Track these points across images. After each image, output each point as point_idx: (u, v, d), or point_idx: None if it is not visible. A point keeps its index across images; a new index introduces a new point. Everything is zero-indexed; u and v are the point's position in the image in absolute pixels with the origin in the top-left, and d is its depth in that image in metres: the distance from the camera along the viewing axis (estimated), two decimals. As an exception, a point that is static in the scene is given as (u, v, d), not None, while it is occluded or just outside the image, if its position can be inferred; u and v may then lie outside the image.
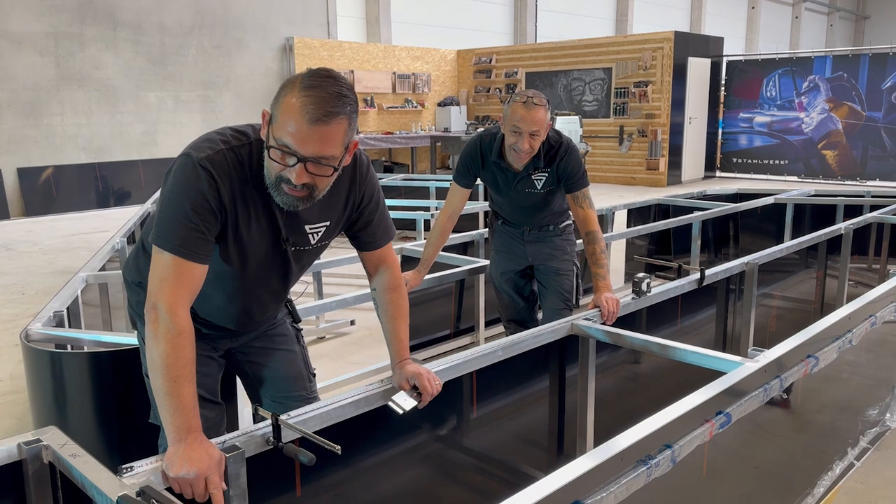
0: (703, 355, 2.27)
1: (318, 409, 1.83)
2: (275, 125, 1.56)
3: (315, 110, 1.51)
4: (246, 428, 1.71)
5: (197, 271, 1.62)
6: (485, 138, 3.14)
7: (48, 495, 1.61)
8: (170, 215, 1.60)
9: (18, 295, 5.90)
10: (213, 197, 1.60)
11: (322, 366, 4.20)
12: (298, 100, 1.52)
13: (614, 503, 1.58)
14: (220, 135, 1.66)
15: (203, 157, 1.58)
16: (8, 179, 10.01)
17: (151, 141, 11.44)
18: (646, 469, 1.67)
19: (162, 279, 1.60)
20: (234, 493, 1.59)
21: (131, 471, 1.50)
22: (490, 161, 3.12)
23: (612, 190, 12.45)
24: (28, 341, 2.51)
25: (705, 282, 3.22)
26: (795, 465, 2.72)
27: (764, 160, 13.71)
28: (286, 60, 12.88)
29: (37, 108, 10.24)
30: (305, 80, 1.54)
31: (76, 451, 1.55)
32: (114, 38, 10.86)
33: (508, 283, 3.43)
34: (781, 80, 13.31)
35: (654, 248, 6.26)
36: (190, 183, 1.58)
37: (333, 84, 1.54)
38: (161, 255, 1.61)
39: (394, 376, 1.97)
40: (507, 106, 2.93)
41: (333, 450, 1.56)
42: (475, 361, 2.23)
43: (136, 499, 1.34)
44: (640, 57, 13.12)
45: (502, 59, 15.26)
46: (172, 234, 1.59)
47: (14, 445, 1.58)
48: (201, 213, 1.59)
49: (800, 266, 5.14)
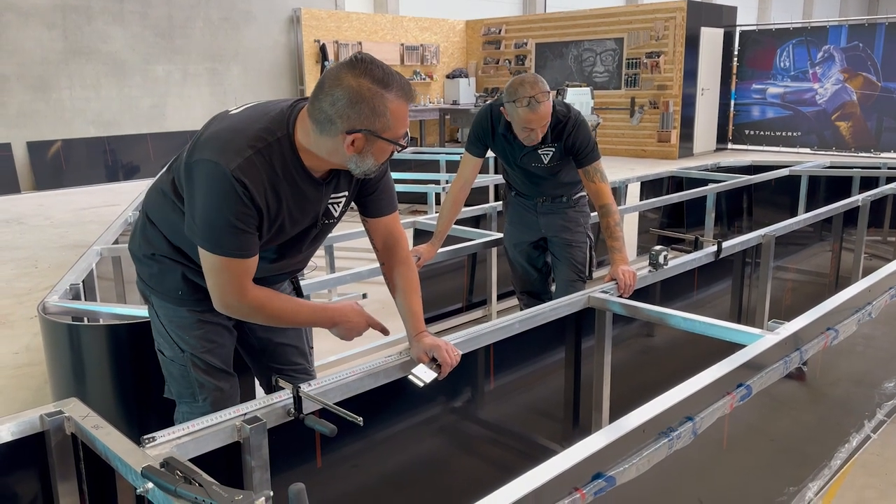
0: (723, 328, 2.25)
1: (337, 380, 1.83)
2: (388, 131, 1.64)
3: (409, 96, 1.67)
4: (267, 399, 1.71)
5: (251, 262, 1.74)
6: (494, 108, 3.11)
7: (70, 465, 1.63)
8: (215, 226, 1.65)
9: (31, 268, 5.93)
10: (250, 203, 1.66)
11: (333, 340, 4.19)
12: (397, 100, 1.62)
13: (636, 475, 1.57)
14: (244, 137, 1.65)
15: (235, 169, 1.60)
16: (18, 153, 10.01)
17: (160, 114, 11.40)
18: (667, 441, 1.66)
19: (226, 281, 1.73)
20: (255, 464, 1.60)
21: (153, 441, 1.50)
22: (498, 132, 3.10)
23: (623, 163, 12.36)
24: (45, 314, 2.52)
25: (722, 254, 3.19)
26: (811, 438, 2.72)
27: (777, 132, 13.55)
28: (293, 32, 12.76)
29: (45, 82, 10.20)
30: (384, 79, 1.60)
31: (98, 423, 1.56)
32: (121, 11, 10.77)
33: (522, 255, 3.42)
34: (795, 50, 13.11)
35: (667, 221, 6.22)
36: (227, 196, 1.62)
37: (387, 69, 1.63)
38: (215, 258, 1.69)
39: (412, 350, 1.97)
40: (511, 106, 2.88)
41: (356, 421, 1.56)
42: (492, 334, 2.22)
43: (161, 469, 1.35)
44: (652, 27, 12.93)
45: (512, 30, 15.07)
46: (223, 242, 1.67)
47: (37, 417, 1.59)
48: (243, 219, 1.65)
49: (814, 239, 5.10)
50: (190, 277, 1.89)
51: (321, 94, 1.61)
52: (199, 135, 1.74)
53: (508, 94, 2.90)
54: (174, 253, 1.87)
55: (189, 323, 1.93)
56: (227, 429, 1.59)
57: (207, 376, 1.96)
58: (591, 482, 1.48)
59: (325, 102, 1.60)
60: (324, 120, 1.61)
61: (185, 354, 1.94)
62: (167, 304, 1.93)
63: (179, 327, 1.94)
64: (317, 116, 1.62)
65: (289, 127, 1.68)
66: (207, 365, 1.96)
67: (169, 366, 1.98)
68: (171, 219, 1.83)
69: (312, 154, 1.69)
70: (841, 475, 2.67)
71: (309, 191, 1.75)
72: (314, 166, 1.72)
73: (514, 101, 2.86)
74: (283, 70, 12.76)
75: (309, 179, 1.73)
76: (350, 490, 1.97)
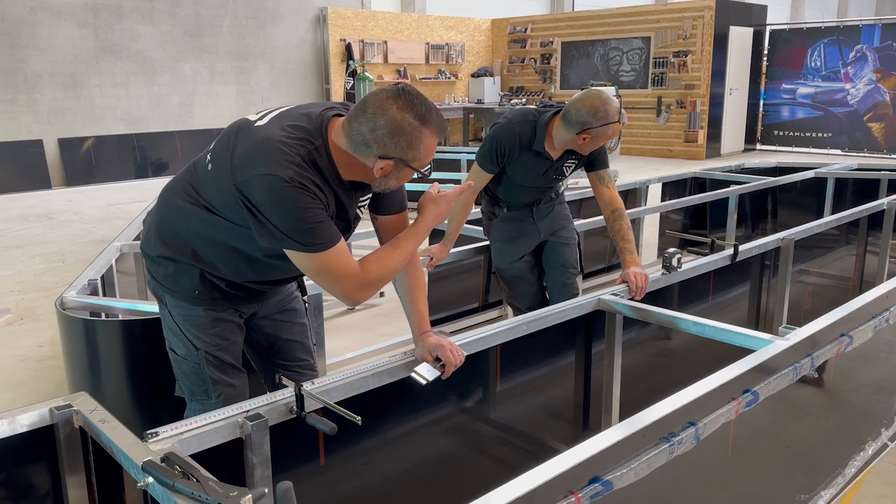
0: (732, 332, 2.23)
1: (341, 379, 1.84)
2: (417, 161, 1.74)
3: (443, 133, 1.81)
4: (270, 396, 1.73)
5: (344, 244, 1.80)
6: (522, 126, 2.98)
7: (79, 458, 1.66)
8: (300, 230, 1.69)
9: (59, 263, 6.05)
10: (316, 198, 1.71)
11: (352, 337, 4.24)
12: (432, 136, 1.74)
13: (634, 479, 1.57)
14: (287, 146, 1.69)
15: (292, 176, 1.66)
16: (49, 150, 10.21)
17: (188, 112, 11.56)
18: (668, 446, 1.65)
19: (339, 273, 1.78)
20: (257, 460, 1.62)
21: (156, 436, 1.53)
22: (529, 150, 2.99)
23: (648, 163, 12.24)
24: (63, 309, 2.57)
25: (738, 257, 3.15)
26: (827, 445, 2.68)
27: (806, 133, 13.32)
28: (320, 31, 12.85)
29: (77, 80, 10.40)
30: (425, 115, 1.70)
31: (105, 417, 1.59)
32: (150, 10, 10.94)
33: (525, 265, 3.31)
34: (827, 49, 12.86)
35: (690, 223, 6.15)
36: (296, 200, 1.67)
37: (428, 105, 1.73)
38: (317, 256, 1.74)
39: (416, 349, 1.98)
40: (602, 129, 2.79)
41: (354, 420, 1.57)
42: (499, 335, 2.22)
43: (161, 464, 1.37)
44: (679, 26, 12.79)
45: (538, 29, 15.00)
46: (315, 238, 1.71)
47: (46, 410, 1.63)
48: (318, 212, 1.71)
49: (840, 242, 5.01)
50: (208, 278, 1.92)
51: (362, 118, 1.68)
52: (227, 148, 1.76)
53: (598, 118, 2.77)
54: (193, 257, 1.90)
55: (204, 321, 1.96)
56: (230, 425, 1.62)
57: (220, 373, 2.00)
58: (587, 486, 1.47)
59: (365, 126, 1.68)
60: (360, 142, 1.70)
61: (199, 352, 1.98)
62: (182, 303, 1.96)
63: (194, 326, 1.97)
64: (354, 137, 1.70)
65: (323, 135, 1.74)
66: (221, 362, 1.99)
67: (181, 364, 2.02)
68: (197, 228, 1.86)
69: (343, 164, 1.76)
70: (856, 483, 2.63)
71: (344, 196, 1.81)
72: (344, 175, 1.78)
73: (608, 123, 2.78)
74: (309, 69, 12.85)
75: (343, 185, 1.79)
76: (353, 488, 1.98)
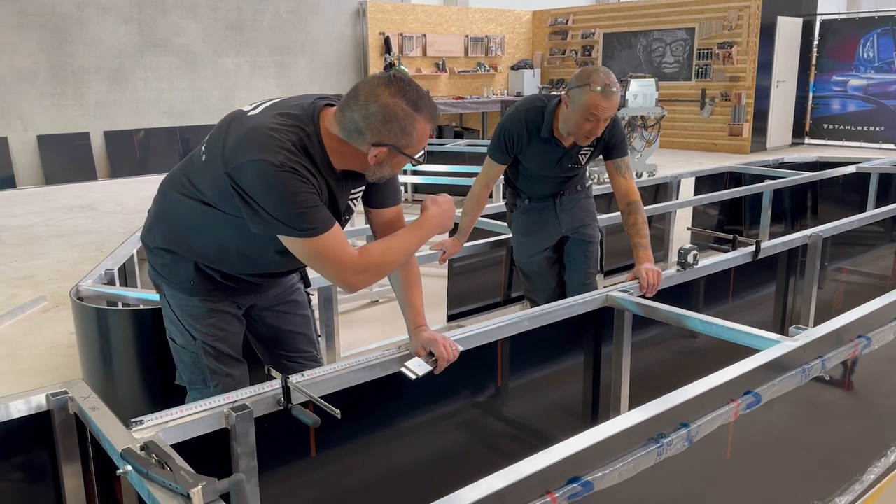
0: (740, 332, 2.16)
1: (331, 372, 1.85)
2: (411, 148, 1.74)
3: (435, 119, 1.79)
4: (257, 388, 1.74)
5: (339, 229, 1.79)
6: (529, 114, 2.94)
7: (74, 445, 1.70)
8: (291, 214, 1.68)
9: (97, 252, 6.22)
10: (307, 182, 1.70)
11: (373, 329, 4.25)
12: (425, 122, 1.73)
13: (618, 481, 1.53)
14: (279, 133, 1.69)
15: (283, 160, 1.66)
16: (95, 142, 10.51)
17: (229, 106, 11.73)
18: (657, 448, 1.61)
19: (334, 257, 1.76)
20: (242, 451, 1.64)
21: (140, 425, 1.55)
22: (538, 137, 2.94)
23: (691, 156, 12.00)
24: (78, 298, 2.64)
25: (761, 255, 3.05)
26: (849, 449, 2.58)
27: (857, 126, 12.86)
28: (359, 25, 12.91)
29: (122, 74, 10.66)
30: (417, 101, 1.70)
31: (96, 404, 1.62)
32: (193, 5, 11.14)
33: (545, 262, 3.26)
34: (880, 40, 12.38)
35: (726, 219, 5.99)
36: (286, 184, 1.67)
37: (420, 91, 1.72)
38: (310, 241, 1.72)
39: (411, 343, 1.98)
40: (578, 91, 2.71)
41: (333, 413, 1.57)
42: (499, 331, 2.20)
43: (139, 453, 1.39)
44: (725, 16, 12.47)
45: (579, 20, 14.81)
46: (307, 223, 1.70)
47: (43, 396, 1.67)
48: (310, 196, 1.70)
49: (883, 239, 4.82)
50: (202, 269, 1.94)
51: (354, 105, 1.68)
52: (220, 138, 1.78)
53: (580, 79, 2.72)
54: (188, 248, 1.93)
55: (200, 312, 1.99)
56: (215, 415, 1.63)
57: (218, 363, 2.02)
58: (565, 486, 1.44)
59: (357, 114, 1.67)
60: (353, 129, 1.69)
61: (196, 342, 2.00)
62: (179, 293, 1.99)
63: (191, 316, 2.00)
64: (346, 125, 1.70)
65: (315, 123, 1.74)
66: (218, 352, 2.02)
67: (180, 353, 2.05)
68: (193, 219, 1.88)
69: (336, 153, 1.75)
70: (876, 491, 2.53)
71: (335, 185, 1.80)
72: (336, 164, 1.78)
73: (587, 85, 2.67)
74: (349, 62, 12.93)
75: (334, 174, 1.79)
76: (344, 480, 1.99)
